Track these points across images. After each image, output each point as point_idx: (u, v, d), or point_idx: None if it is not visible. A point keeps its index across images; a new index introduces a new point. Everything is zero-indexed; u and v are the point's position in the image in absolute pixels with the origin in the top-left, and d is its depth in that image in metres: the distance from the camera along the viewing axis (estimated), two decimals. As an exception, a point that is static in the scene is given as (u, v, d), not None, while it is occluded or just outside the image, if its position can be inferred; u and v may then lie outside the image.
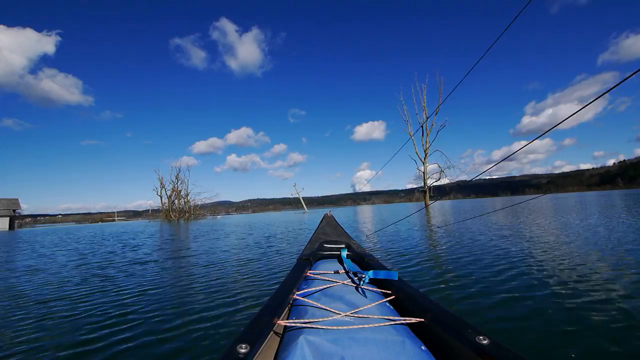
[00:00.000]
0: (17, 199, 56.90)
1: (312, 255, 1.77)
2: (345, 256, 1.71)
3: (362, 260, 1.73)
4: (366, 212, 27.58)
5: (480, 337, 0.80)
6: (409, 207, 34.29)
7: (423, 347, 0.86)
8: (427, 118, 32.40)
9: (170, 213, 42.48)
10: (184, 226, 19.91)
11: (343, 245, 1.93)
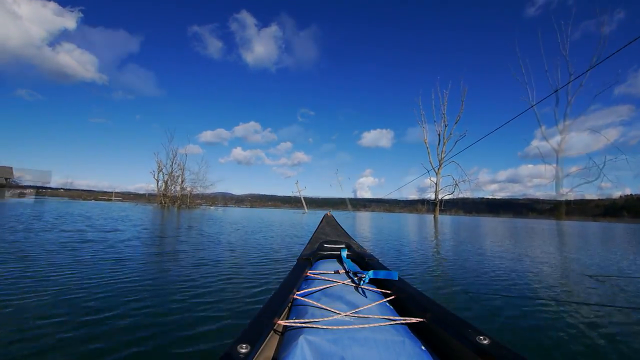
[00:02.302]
0: (11, 168, 55.74)
1: (312, 255, 1.74)
2: (346, 256, 1.71)
3: (362, 260, 1.72)
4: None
5: (481, 337, 0.80)
6: (411, 219, 32.29)
7: (423, 347, 0.86)
8: (446, 126, 30.71)
9: (163, 199, 41.01)
10: (167, 216, 18.26)
11: (343, 245, 1.89)
